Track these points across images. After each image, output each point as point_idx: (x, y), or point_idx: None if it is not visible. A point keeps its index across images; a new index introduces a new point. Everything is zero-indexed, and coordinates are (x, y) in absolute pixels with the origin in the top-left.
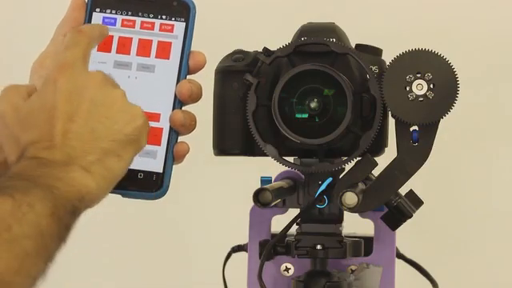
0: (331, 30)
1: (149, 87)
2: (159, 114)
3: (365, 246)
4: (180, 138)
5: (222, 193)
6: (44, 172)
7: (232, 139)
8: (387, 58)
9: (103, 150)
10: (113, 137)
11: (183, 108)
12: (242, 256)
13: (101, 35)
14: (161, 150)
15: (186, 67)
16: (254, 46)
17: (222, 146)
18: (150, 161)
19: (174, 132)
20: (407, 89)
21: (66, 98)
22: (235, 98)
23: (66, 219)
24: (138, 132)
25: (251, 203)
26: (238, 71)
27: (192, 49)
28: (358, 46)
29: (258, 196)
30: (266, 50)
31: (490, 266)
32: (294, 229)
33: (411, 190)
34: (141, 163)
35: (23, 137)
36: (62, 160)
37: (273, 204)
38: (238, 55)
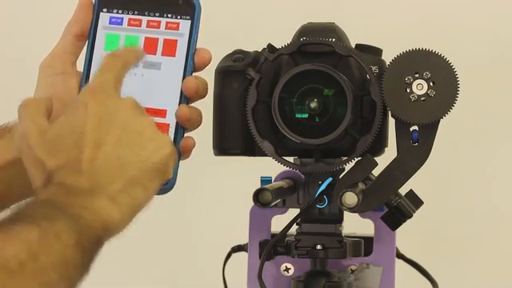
0: (331, 29)
1: (155, 84)
2: (165, 110)
3: (365, 246)
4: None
5: (222, 193)
6: (71, 201)
7: (232, 139)
8: (387, 58)
9: (130, 178)
10: (140, 164)
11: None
12: (242, 256)
13: (136, 58)
14: None
15: (192, 64)
16: (253, 45)
17: (222, 146)
18: None
19: (181, 127)
20: (408, 90)
21: (95, 123)
22: (235, 97)
23: (89, 249)
24: (166, 161)
25: (251, 203)
26: (238, 71)
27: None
28: (357, 46)
29: (257, 196)
30: (270, 46)
31: (490, 265)
32: (294, 229)
33: (411, 190)
34: None
35: (49, 161)
36: (89, 188)
37: (273, 204)
38: (237, 55)
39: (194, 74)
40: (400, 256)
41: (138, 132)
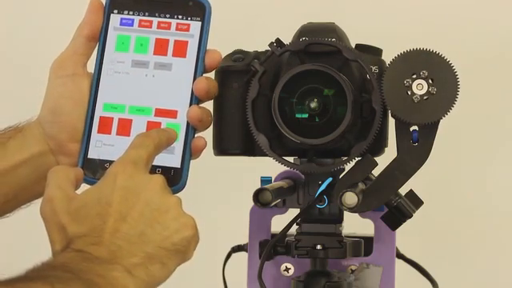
0: (331, 29)
1: (166, 85)
2: (177, 111)
3: (365, 246)
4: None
5: (222, 193)
6: (87, 267)
7: (232, 139)
8: (387, 58)
9: (148, 255)
10: (160, 243)
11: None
12: (242, 256)
13: (168, 141)
14: (178, 145)
15: (202, 65)
16: (253, 45)
17: (222, 146)
18: (168, 156)
19: (191, 128)
20: (409, 93)
21: (122, 196)
22: (235, 97)
23: None
24: (187, 243)
25: (251, 203)
26: (238, 71)
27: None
28: (357, 46)
29: (257, 196)
30: (278, 41)
31: (489, 265)
32: (294, 229)
33: (411, 190)
34: (159, 159)
35: (72, 228)
36: (107, 258)
37: (273, 204)
38: (237, 55)
39: (204, 75)
40: (400, 256)
41: (162, 210)
